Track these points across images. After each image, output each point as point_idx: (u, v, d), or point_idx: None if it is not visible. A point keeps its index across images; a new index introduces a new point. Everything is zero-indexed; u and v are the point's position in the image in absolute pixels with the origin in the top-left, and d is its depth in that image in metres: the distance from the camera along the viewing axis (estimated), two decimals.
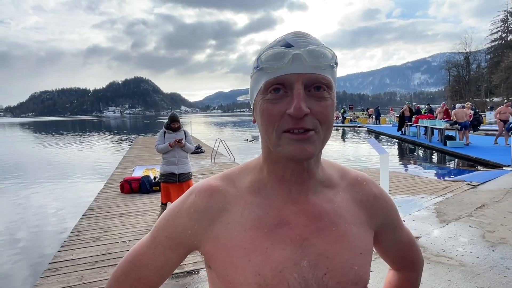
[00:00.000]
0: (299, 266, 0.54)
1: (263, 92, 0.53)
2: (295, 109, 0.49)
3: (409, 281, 0.77)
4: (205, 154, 11.95)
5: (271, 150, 0.55)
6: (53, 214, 6.34)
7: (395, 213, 0.69)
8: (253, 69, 0.56)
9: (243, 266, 0.54)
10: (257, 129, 0.58)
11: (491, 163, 8.78)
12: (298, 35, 0.53)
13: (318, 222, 0.57)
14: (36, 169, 11.98)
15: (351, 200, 0.62)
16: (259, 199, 0.58)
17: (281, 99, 0.51)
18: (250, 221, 0.56)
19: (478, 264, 3.11)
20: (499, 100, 48.85)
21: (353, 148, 15.22)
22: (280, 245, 0.55)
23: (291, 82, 0.50)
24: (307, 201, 0.58)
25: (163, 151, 4.56)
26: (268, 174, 0.59)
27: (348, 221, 0.59)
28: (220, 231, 0.56)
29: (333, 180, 0.63)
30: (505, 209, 4.67)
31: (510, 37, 57.02)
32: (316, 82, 0.51)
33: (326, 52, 0.52)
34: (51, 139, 27.28)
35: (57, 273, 3.21)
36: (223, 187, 0.59)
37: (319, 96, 0.51)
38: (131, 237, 4.12)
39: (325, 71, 0.52)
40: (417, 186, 6.36)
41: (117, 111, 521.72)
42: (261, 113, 0.53)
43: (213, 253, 0.57)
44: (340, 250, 0.56)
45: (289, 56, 0.50)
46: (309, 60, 0.50)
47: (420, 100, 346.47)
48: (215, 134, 26.27)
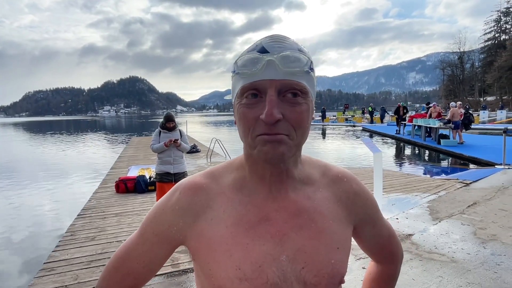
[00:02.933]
0: (278, 260, 0.56)
1: (240, 96, 0.54)
2: (266, 116, 0.49)
3: (388, 272, 0.80)
4: (201, 154, 11.95)
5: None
6: (48, 214, 6.31)
7: (375, 209, 0.71)
8: (231, 72, 0.57)
9: (225, 261, 0.56)
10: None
11: (484, 161, 8.90)
12: (274, 39, 0.54)
13: (297, 219, 0.59)
14: (30, 169, 11.88)
15: (331, 197, 0.64)
16: (241, 197, 0.60)
17: (256, 104, 0.52)
18: (231, 217, 0.58)
19: (469, 260, 3.16)
20: (493, 99, 49.41)
21: (349, 147, 15.30)
22: (260, 241, 0.57)
23: (265, 88, 0.51)
24: (287, 199, 0.60)
25: (158, 150, 4.56)
26: (250, 173, 0.61)
27: (327, 217, 0.61)
28: (204, 227, 0.58)
29: (313, 178, 0.64)
30: (496, 206, 4.75)
31: (503, 37, 57.61)
32: (289, 88, 0.52)
33: (300, 57, 0.52)
34: (45, 139, 27.04)
35: (52, 272, 3.21)
36: (206, 185, 0.61)
37: (293, 102, 0.52)
38: (126, 236, 4.10)
39: (299, 77, 0.52)
40: (411, 184, 6.43)
41: (112, 110, 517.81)
42: (239, 116, 0.54)
43: (197, 248, 0.59)
44: (318, 246, 0.58)
45: (263, 62, 0.51)
46: (282, 67, 0.51)
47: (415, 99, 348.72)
48: (211, 133, 26.24)
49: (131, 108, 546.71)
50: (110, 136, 29.23)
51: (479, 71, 57.04)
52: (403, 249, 0.81)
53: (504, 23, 58.25)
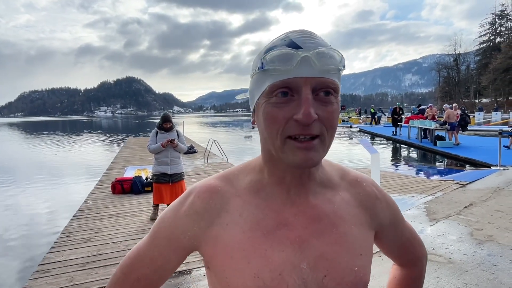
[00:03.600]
0: (299, 268, 0.53)
1: (268, 95, 0.50)
2: (304, 115, 0.46)
3: (412, 275, 0.77)
4: (197, 154, 11.91)
5: (273, 154, 0.54)
6: (43, 215, 6.25)
7: (397, 211, 0.68)
8: (256, 69, 0.52)
9: (242, 269, 0.53)
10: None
11: (479, 162, 8.96)
12: (305, 34, 0.50)
13: (317, 224, 0.56)
14: (25, 170, 11.77)
15: (351, 201, 0.61)
16: (258, 200, 0.57)
17: (287, 103, 0.49)
18: (249, 222, 0.55)
19: (466, 261, 3.17)
20: (488, 101, 49.88)
21: (345, 148, 15.35)
22: (279, 247, 0.54)
23: (299, 86, 0.48)
24: (307, 203, 0.57)
25: (155, 151, 4.54)
26: (268, 176, 0.58)
27: (348, 222, 0.58)
28: (219, 232, 0.56)
29: (333, 181, 0.62)
30: (492, 207, 4.77)
31: (498, 40, 58.19)
32: (324, 86, 0.49)
33: (335, 54, 0.49)
34: (40, 139, 26.82)
35: (46, 274, 3.17)
36: (222, 188, 0.58)
37: (326, 101, 0.49)
38: (123, 238, 4.09)
39: (333, 75, 0.50)
40: (408, 186, 6.45)
41: (108, 111, 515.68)
42: (265, 116, 0.50)
43: (212, 255, 0.56)
44: (340, 252, 0.55)
45: (298, 59, 0.47)
46: (319, 64, 0.48)
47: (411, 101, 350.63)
48: (208, 134, 26.19)
49: (127, 108, 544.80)
50: (106, 137, 29.07)
51: (475, 73, 57.58)
52: None
53: (499, 25, 58.90)
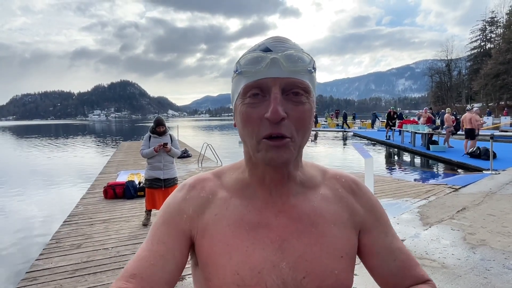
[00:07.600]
0: (278, 267, 0.53)
1: (242, 96, 0.53)
2: (272, 113, 0.49)
3: None
4: (191, 159, 11.84)
5: (251, 155, 0.56)
6: (32, 220, 6.11)
7: (381, 211, 0.64)
8: (233, 72, 0.56)
9: (224, 264, 0.54)
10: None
11: (472, 166, 9.04)
12: (277, 40, 0.54)
13: (297, 223, 0.57)
14: (15, 174, 11.55)
15: (331, 197, 0.62)
16: (242, 197, 0.59)
17: (259, 103, 0.51)
18: (233, 216, 0.57)
19: (459, 266, 3.17)
20: (479, 106, 50.65)
21: (340, 152, 15.39)
22: (260, 246, 0.54)
23: (269, 86, 0.51)
24: (288, 203, 0.58)
25: (148, 156, 4.48)
26: (250, 176, 0.60)
27: (328, 221, 0.58)
28: (209, 222, 0.57)
29: (314, 181, 0.63)
30: (485, 211, 4.80)
31: (488, 46, 59.25)
32: (293, 86, 0.51)
33: (303, 57, 0.52)
34: (32, 143, 26.43)
35: (34, 282, 3.08)
36: (212, 180, 0.62)
37: (296, 101, 0.51)
38: (114, 244, 4.01)
39: (302, 76, 0.52)
40: (401, 190, 6.48)
41: (102, 114, 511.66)
42: (241, 117, 0.53)
43: (200, 245, 0.57)
44: (320, 253, 0.55)
45: (267, 60, 0.51)
46: (286, 65, 0.50)
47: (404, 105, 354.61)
48: (202, 138, 26.09)
49: (121, 112, 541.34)
50: (99, 141, 28.77)
51: (466, 79, 58.49)
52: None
53: (489, 32, 59.97)
